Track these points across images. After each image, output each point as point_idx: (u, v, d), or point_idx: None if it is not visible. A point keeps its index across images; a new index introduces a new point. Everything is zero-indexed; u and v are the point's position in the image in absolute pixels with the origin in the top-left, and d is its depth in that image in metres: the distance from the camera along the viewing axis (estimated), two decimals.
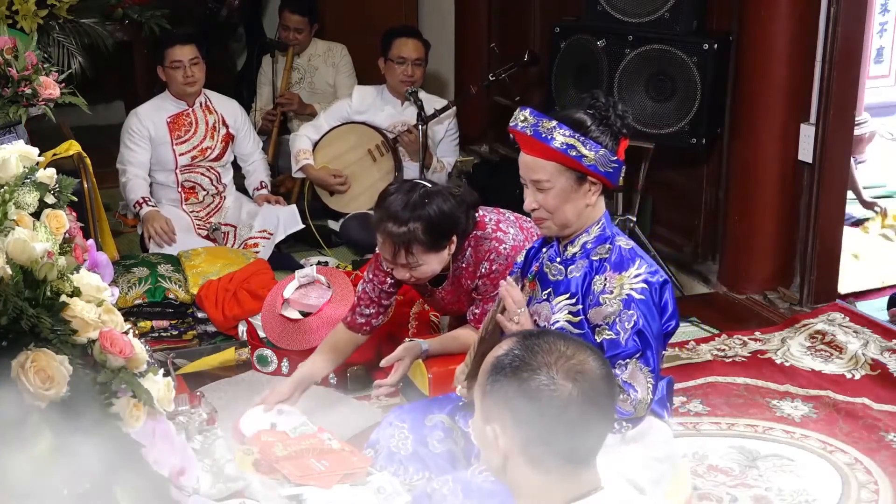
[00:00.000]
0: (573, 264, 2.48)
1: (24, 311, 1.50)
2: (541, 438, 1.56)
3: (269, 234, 4.65)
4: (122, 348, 1.62)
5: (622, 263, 2.41)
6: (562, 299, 2.47)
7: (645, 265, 2.42)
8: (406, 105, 4.93)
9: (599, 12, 4.40)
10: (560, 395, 1.55)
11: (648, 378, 2.36)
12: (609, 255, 2.44)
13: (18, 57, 3.14)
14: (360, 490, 2.63)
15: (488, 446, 1.62)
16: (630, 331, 2.35)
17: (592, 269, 2.44)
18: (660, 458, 2.48)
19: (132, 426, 1.61)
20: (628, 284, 2.38)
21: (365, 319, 3.17)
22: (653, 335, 2.37)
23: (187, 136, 4.69)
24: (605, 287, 2.40)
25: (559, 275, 2.50)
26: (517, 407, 1.56)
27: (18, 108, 3.12)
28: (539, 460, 1.58)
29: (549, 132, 2.38)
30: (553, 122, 2.38)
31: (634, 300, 2.37)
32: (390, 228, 2.87)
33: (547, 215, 2.46)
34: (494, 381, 1.60)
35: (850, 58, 3.99)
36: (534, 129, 2.39)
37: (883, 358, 3.78)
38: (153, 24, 5.27)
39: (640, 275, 2.39)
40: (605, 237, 2.47)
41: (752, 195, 4.28)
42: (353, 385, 3.60)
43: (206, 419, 2.82)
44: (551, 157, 2.39)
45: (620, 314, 2.37)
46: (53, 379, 1.47)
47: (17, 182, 1.89)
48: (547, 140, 2.38)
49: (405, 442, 2.73)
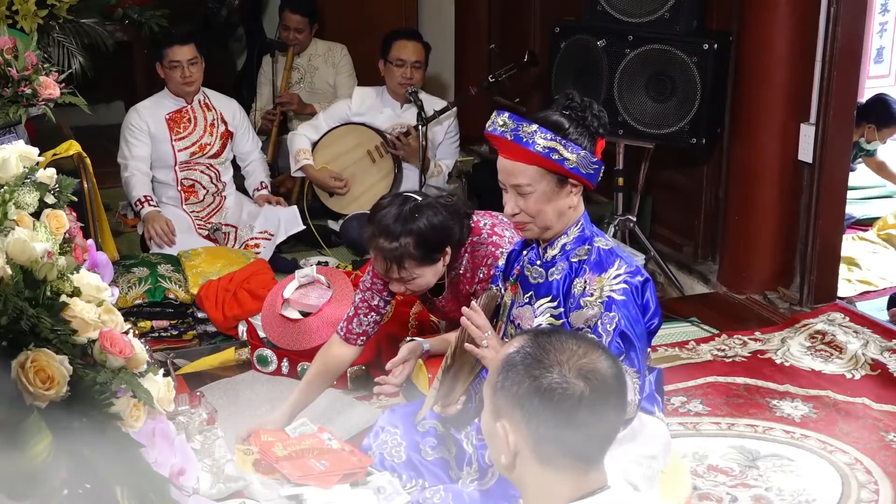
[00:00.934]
0: (553, 267, 2.47)
1: (24, 311, 1.50)
2: (552, 437, 1.56)
3: (270, 234, 4.66)
4: (122, 348, 1.62)
5: (601, 264, 2.40)
6: (543, 302, 2.46)
7: (624, 265, 2.40)
8: (406, 107, 4.93)
9: (599, 12, 4.40)
10: (572, 394, 1.55)
11: (634, 379, 2.35)
12: (588, 257, 2.42)
13: (18, 57, 3.14)
14: (360, 490, 2.63)
15: (497, 443, 1.61)
16: (612, 333, 2.33)
17: (572, 272, 2.43)
18: (653, 454, 2.46)
19: (132, 426, 1.61)
20: (608, 286, 2.37)
21: (362, 329, 3.14)
22: (636, 335, 2.35)
23: (186, 132, 4.69)
24: (585, 290, 2.39)
25: (539, 277, 2.49)
26: (529, 405, 1.56)
27: (18, 108, 3.12)
28: (549, 458, 1.57)
29: (529, 136, 2.36)
30: (534, 125, 2.36)
31: (615, 301, 2.35)
32: (381, 244, 2.87)
33: (528, 219, 2.44)
34: (506, 379, 1.59)
35: (850, 58, 3.99)
36: (514, 134, 2.37)
37: (883, 358, 3.78)
38: (153, 24, 5.27)
39: (619, 276, 2.38)
40: (584, 238, 2.46)
41: (752, 195, 4.28)
42: (353, 385, 3.61)
43: (206, 419, 2.82)
44: (532, 160, 2.38)
45: (602, 317, 2.35)
46: (53, 379, 1.47)
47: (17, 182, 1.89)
48: (528, 144, 2.36)
49: (398, 449, 2.72)
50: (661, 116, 4.28)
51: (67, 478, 1.54)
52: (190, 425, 2.73)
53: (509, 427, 1.58)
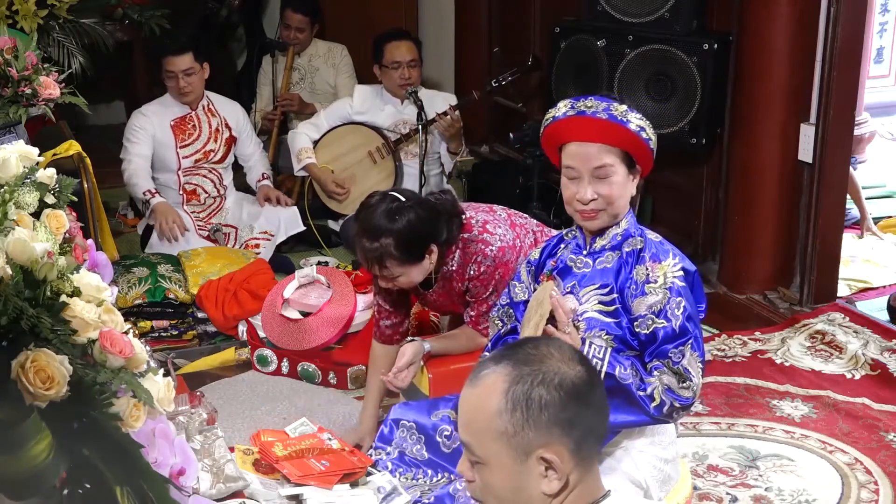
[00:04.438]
0: (601, 256, 2.44)
1: (24, 311, 1.49)
2: (590, 428, 1.55)
3: (270, 234, 4.66)
4: (122, 348, 1.62)
5: (659, 254, 2.40)
6: (591, 289, 2.43)
7: (678, 255, 2.42)
8: (406, 103, 4.92)
9: (599, 12, 4.40)
10: (577, 375, 1.54)
11: (699, 363, 2.35)
12: (644, 247, 2.41)
13: (18, 57, 3.14)
14: (360, 490, 2.64)
15: (532, 484, 1.53)
16: (681, 317, 2.33)
17: (631, 260, 2.40)
18: (668, 458, 2.46)
19: (132, 426, 1.61)
20: (671, 273, 2.37)
21: (392, 330, 3.18)
22: (696, 321, 2.37)
23: (191, 139, 4.69)
24: (648, 277, 2.37)
25: (585, 267, 2.46)
26: (562, 410, 1.51)
27: (18, 108, 3.11)
28: (588, 459, 1.55)
29: (623, 115, 2.31)
30: (623, 105, 2.33)
31: (678, 287, 2.36)
32: (363, 244, 2.89)
33: (604, 205, 2.37)
34: (525, 410, 1.51)
35: (850, 58, 3.99)
36: (608, 113, 2.31)
37: (883, 358, 3.78)
38: (153, 24, 5.27)
39: (677, 264, 2.39)
40: (635, 229, 2.45)
41: (752, 195, 4.28)
42: (353, 385, 3.61)
43: (206, 419, 2.81)
44: (624, 139, 2.32)
45: (669, 302, 2.34)
46: (53, 379, 1.47)
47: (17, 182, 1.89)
48: (623, 122, 2.31)
49: (418, 446, 2.75)
50: (661, 116, 4.28)
51: (67, 478, 1.54)
52: (190, 425, 2.72)
53: (551, 453, 1.51)
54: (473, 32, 6.12)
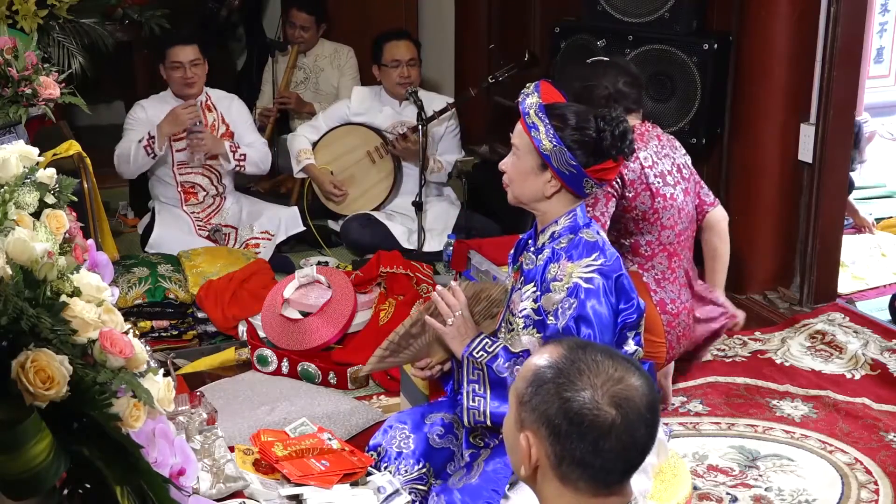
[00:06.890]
0: (541, 253, 2.48)
1: (24, 311, 1.49)
2: (576, 460, 1.51)
3: (270, 234, 4.66)
4: (122, 348, 1.62)
5: (578, 253, 2.39)
6: (529, 287, 2.47)
7: (602, 258, 2.38)
8: (405, 104, 4.92)
9: (599, 12, 4.40)
10: (602, 422, 1.49)
11: None
12: (567, 245, 2.42)
13: (18, 57, 3.14)
14: (360, 490, 2.64)
15: (518, 452, 1.57)
16: (568, 317, 2.33)
17: (552, 258, 2.43)
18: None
19: (132, 426, 1.60)
20: (577, 273, 2.36)
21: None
22: (600, 323, 2.33)
23: (185, 133, 4.67)
24: (556, 275, 2.39)
25: (531, 264, 2.51)
26: (556, 424, 1.51)
27: (18, 108, 3.11)
28: (570, 479, 1.53)
29: (529, 106, 2.42)
30: (539, 101, 2.42)
31: (581, 288, 2.34)
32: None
33: (508, 181, 2.51)
34: (535, 394, 1.54)
35: (850, 58, 3.99)
36: (522, 101, 2.44)
37: (883, 358, 3.78)
38: (153, 24, 5.27)
39: (591, 266, 2.37)
40: (572, 228, 2.45)
41: (752, 195, 4.28)
42: (353, 385, 3.61)
43: (206, 419, 2.81)
44: (524, 129, 2.44)
45: (563, 301, 2.35)
46: (53, 379, 1.47)
47: (17, 182, 1.89)
48: (523, 111, 2.42)
49: (407, 441, 2.74)
50: (661, 116, 4.28)
51: (67, 478, 1.54)
52: (190, 425, 2.72)
53: (533, 440, 1.54)
54: (473, 33, 6.12)
